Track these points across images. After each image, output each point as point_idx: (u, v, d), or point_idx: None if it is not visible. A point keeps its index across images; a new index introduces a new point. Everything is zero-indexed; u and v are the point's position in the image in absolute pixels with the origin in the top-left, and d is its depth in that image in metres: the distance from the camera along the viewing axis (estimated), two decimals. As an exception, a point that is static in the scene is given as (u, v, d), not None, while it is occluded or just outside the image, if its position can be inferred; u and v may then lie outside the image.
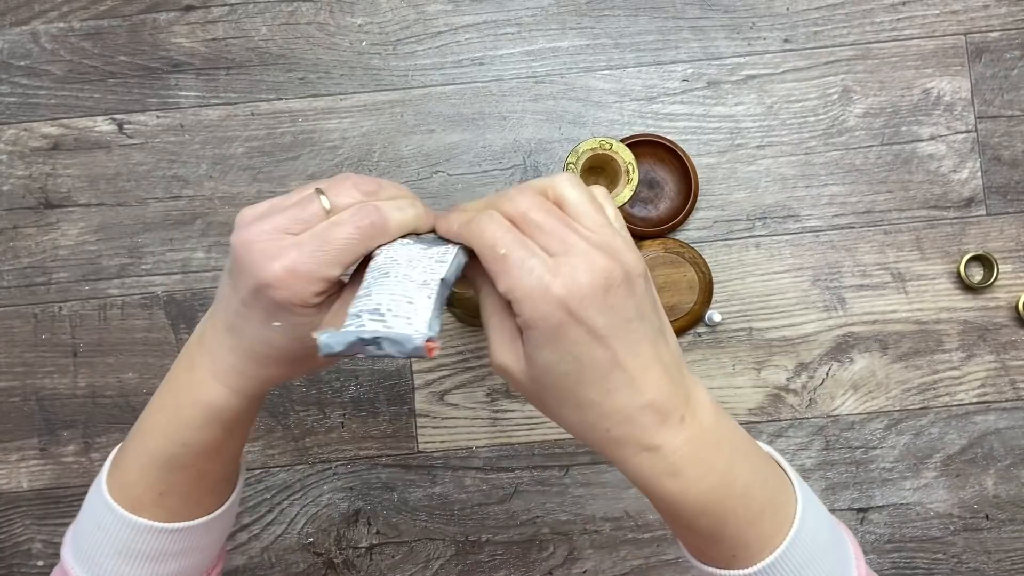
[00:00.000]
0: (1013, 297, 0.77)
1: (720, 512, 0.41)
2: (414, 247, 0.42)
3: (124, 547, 0.46)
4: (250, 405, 0.46)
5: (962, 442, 0.77)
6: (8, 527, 0.78)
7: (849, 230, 0.78)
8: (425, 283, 0.40)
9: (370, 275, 0.41)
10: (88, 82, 0.79)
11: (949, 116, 0.78)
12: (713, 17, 0.79)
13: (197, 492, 0.48)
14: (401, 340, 0.38)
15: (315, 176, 0.78)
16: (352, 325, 0.39)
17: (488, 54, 0.79)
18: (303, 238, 0.40)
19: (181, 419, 0.45)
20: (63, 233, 0.78)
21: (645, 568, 0.77)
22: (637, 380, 0.39)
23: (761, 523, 0.42)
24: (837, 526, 0.46)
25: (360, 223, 0.40)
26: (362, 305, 0.40)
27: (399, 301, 0.39)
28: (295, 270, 0.39)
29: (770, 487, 0.43)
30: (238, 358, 0.44)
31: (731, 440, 0.42)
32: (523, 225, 0.39)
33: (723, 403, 0.77)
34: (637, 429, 0.39)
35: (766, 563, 0.41)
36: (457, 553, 0.78)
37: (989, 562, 0.77)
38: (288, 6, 0.79)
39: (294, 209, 0.41)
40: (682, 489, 0.40)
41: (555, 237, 0.38)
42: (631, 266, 0.38)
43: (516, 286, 0.37)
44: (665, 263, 0.76)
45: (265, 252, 0.40)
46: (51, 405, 0.78)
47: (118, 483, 0.47)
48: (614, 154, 0.56)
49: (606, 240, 0.38)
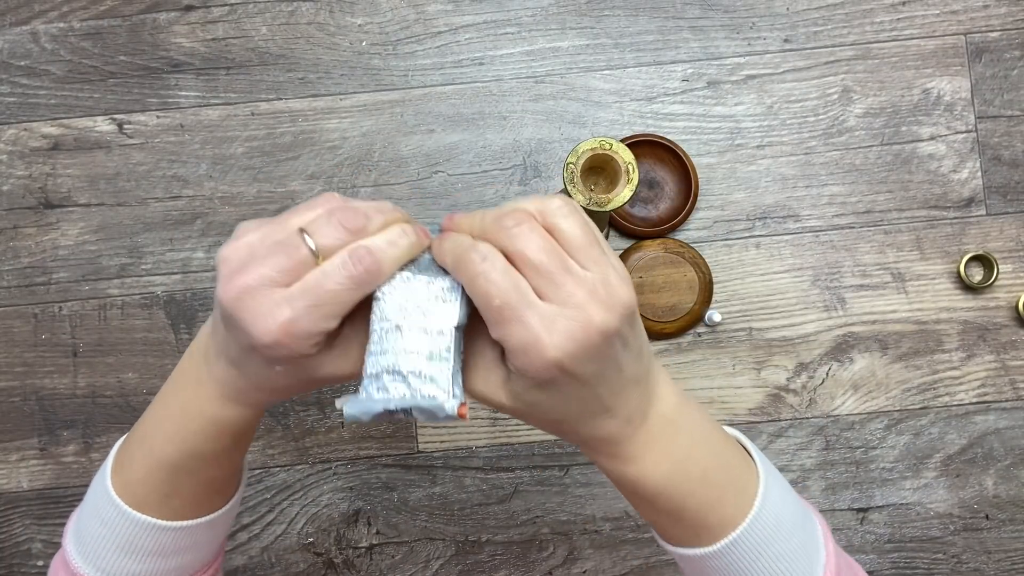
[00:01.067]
0: (1013, 297, 0.77)
1: (678, 495, 0.43)
2: (415, 282, 0.40)
3: (127, 543, 0.46)
4: (259, 415, 0.47)
5: (962, 442, 0.77)
6: (8, 527, 0.78)
7: (849, 230, 0.78)
8: (440, 332, 0.39)
9: (379, 325, 0.40)
10: (88, 82, 0.79)
11: (949, 116, 0.78)
12: (713, 17, 0.79)
13: (202, 494, 0.48)
14: (433, 410, 0.38)
15: (315, 176, 0.78)
16: (373, 388, 0.39)
17: (488, 54, 0.79)
18: (294, 292, 0.38)
19: (189, 429, 0.45)
20: (63, 233, 0.78)
21: (645, 568, 0.77)
22: (612, 407, 0.40)
23: (722, 505, 0.43)
24: (807, 508, 0.48)
25: (353, 272, 0.38)
26: (380, 365, 0.39)
27: (418, 359, 0.39)
28: (290, 331, 0.37)
29: (731, 471, 0.44)
30: (245, 385, 0.43)
31: (690, 428, 0.44)
32: (519, 264, 0.38)
33: (723, 403, 0.77)
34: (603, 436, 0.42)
35: (726, 542, 0.43)
36: (457, 553, 0.78)
37: (989, 562, 0.77)
38: (288, 6, 0.79)
39: (279, 257, 0.38)
40: (640, 475, 0.42)
41: (552, 282, 0.37)
42: (624, 305, 0.38)
43: (511, 339, 0.37)
44: (665, 263, 0.76)
45: (256, 312, 0.38)
46: (51, 405, 0.78)
47: (123, 481, 0.47)
48: (614, 154, 0.56)
49: (601, 277, 0.38)
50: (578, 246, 0.38)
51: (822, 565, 0.45)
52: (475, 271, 0.37)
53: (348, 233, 0.39)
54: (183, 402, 0.45)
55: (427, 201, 0.78)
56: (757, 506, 0.44)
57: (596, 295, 0.37)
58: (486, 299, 0.37)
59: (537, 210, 0.39)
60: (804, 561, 0.45)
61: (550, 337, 0.36)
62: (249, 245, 0.39)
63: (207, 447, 0.45)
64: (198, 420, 0.45)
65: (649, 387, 0.42)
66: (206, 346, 0.44)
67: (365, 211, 0.40)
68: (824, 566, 0.45)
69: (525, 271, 0.38)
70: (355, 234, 0.39)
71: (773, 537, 0.44)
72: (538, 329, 0.36)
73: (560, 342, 0.37)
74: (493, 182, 0.78)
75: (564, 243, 0.38)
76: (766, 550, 0.44)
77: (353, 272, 0.38)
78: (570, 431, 0.42)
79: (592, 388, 0.39)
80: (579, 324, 0.37)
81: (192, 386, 0.45)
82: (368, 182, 0.78)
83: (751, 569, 0.44)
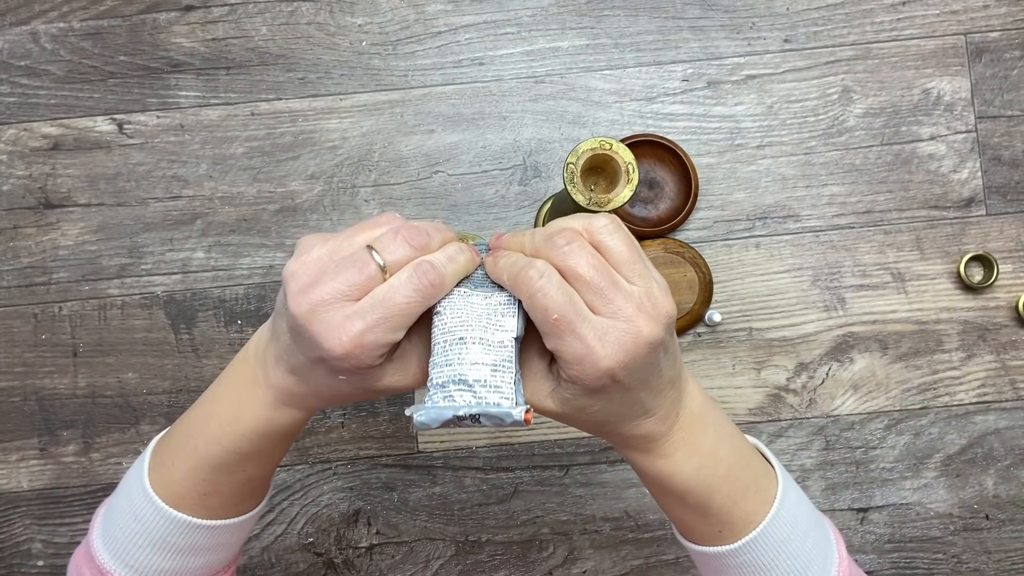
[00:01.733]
0: (1013, 297, 0.77)
1: (706, 490, 0.45)
2: (474, 297, 0.43)
3: (160, 539, 0.47)
4: (308, 417, 0.48)
5: (962, 442, 0.77)
6: (8, 527, 0.78)
7: (849, 230, 0.78)
8: (502, 344, 0.42)
9: (442, 337, 0.42)
10: (88, 82, 0.79)
11: (949, 116, 0.78)
12: (713, 17, 0.79)
13: (240, 494, 0.49)
14: (501, 416, 0.40)
15: (315, 176, 0.78)
16: (439, 397, 0.41)
17: (488, 54, 0.79)
18: (364, 306, 0.40)
19: (239, 430, 0.46)
20: (63, 233, 0.78)
21: (645, 568, 0.77)
22: (651, 408, 0.44)
23: (745, 501, 0.46)
24: (820, 516, 0.50)
25: (419, 285, 0.40)
26: (446, 375, 0.41)
27: (483, 369, 0.41)
28: (361, 343, 0.40)
29: (752, 469, 0.47)
30: (304, 392, 0.45)
31: (715, 425, 0.47)
32: (571, 279, 0.40)
33: (723, 403, 0.77)
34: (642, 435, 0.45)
35: (749, 538, 0.45)
36: (457, 553, 0.78)
37: (989, 562, 0.77)
38: (288, 6, 0.79)
39: (350, 272, 0.40)
40: (671, 470, 0.45)
41: (603, 296, 0.40)
42: (668, 316, 0.41)
43: (567, 351, 0.40)
44: (665, 263, 0.76)
45: (330, 325, 0.40)
46: (51, 405, 0.78)
47: (162, 479, 0.47)
48: (614, 154, 0.56)
49: (646, 290, 0.41)
50: (624, 261, 0.41)
51: (835, 567, 0.47)
52: (534, 287, 0.40)
53: (413, 249, 0.41)
54: (235, 404, 0.46)
55: (427, 201, 0.78)
56: (776, 504, 0.46)
57: (643, 308, 0.40)
58: (544, 313, 0.40)
59: (584, 228, 0.42)
60: (819, 561, 0.47)
61: (603, 349, 0.39)
62: (319, 260, 0.42)
63: (253, 447, 0.47)
64: (249, 422, 0.46)
65: (681, 386, 0.45)
66: (264, 351, 0.46)
67: (427, 229, 0.42)
68: (837, 569, 0.47)
69: (577, 286, 0.40)
70: (419, 250, 0.42)
71: (791, 536, 0.46)
72: (592, 341, 0.39)
73: (613, 353, 0.40)
74: (493, 182, 0.78)
75: (611, 259, 0.41)
76: (784, 548, 0.46)
77: (419, 285, 0.40)
78: (612, 432, 0.45)
79: (636, 393, 0.42)
80: (630, 336, 0.40)
81: (247, 388, 0.46)
82: (368, 182, 0.78)
83: (770, 567, 0.46)
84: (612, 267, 0.41)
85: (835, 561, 0.47)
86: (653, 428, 0.44)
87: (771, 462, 0.49)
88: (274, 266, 0.78)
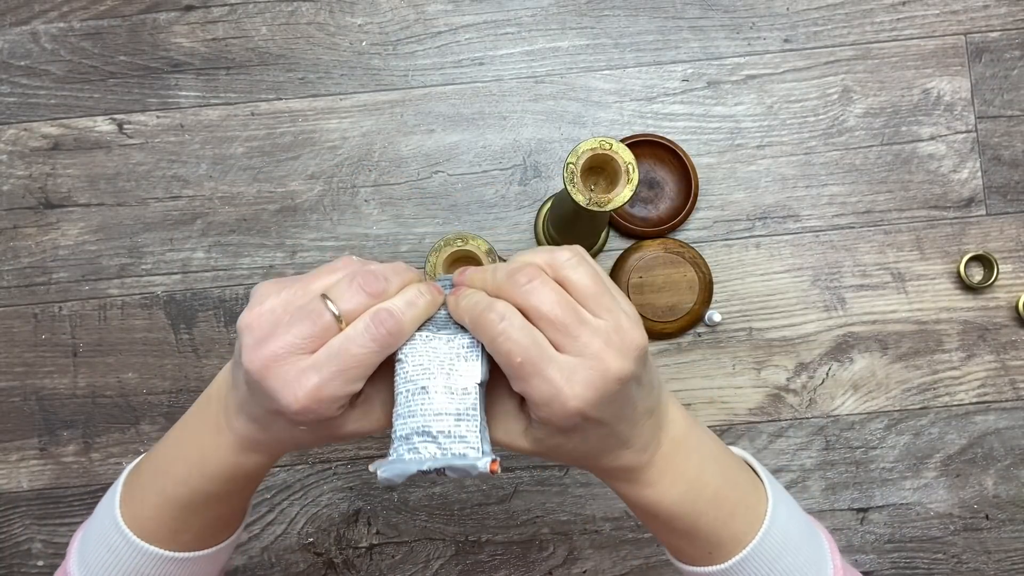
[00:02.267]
0: (1013, 297, 0.77)
1: (692, 514, 0.45)
2: (436, 341, 0.41)
3: (133, 570, 0.47)
4: (275, 460, 0.47)
5: (962, 442, 0.77)
6: (8, 527, 0.78)
7: (849, 230, 0.78)
8: (466, 391, 0.40)
9: (404, 387, 0.41)
10: (88, 82, 0.79)
11: (949, 116, 0.78)
12: (713, 17, 0.79)
13: (210, 529, 0.49)
14: (467, 468, 0.39)
15: (315, 176, 0.78)
16: (403, 449, 0.40)
17: (488, 54, 0.79)
18: (320, 358, 0.39)
19: (205, 473, 0.45)
20: (63, 233, 0.78)
21: (645, 568, 0.77)
22: (629, 439, 0.42)
23: (733, 522, 0.45)
24: (813, 525, 0.49)
25: (376, 335, 0.39)
26: (409, 427, 0.40)
27: (447, 420, 0.40)
28: (318, 397, 0.39)
29: (740, 489, 0.46)
30: (266, 439, 0.44)
31: (700, 448, 0.46)
32: (535, 319, 0.39)
33: (723, 403, 0.77)
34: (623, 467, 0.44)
35: (739, 558, 0.45)
36: (457, 553, 0.78)
37: (989, 562, 0.77)
38: (288, 6, 0.79)
39: (304, 324, 0.39)
40: (657, 497, 0.44)
41: (568, 335, 0.39)
42: (638, 348, 0.40)
43: (534, 393, 0.39)
44: (665, 263, 0.76)
45: (285, 380, 0.39)
46: (51, 405, 0.78)
47: (133, 514, 0.47)
48: (614, 154, 0.56)
49: (614, 324, 0.39)
50: (589, 295, 0.40)
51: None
52: (495, 331, 0.39)
53: (369, 297, 0.40)
54: (201, 448, 0.46)
55: (427, 201, 0.78)
56: (767, 523, 0.45)
57: (611, 343, 0.39)
58: (508, 357, 0.38)
59: (547, 263, 0.41)
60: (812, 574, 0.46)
61: (571, 388, 0.38)
62: (272, 312, 0.40)
63: (220, 488, 0.46)
64: (215, 466, 0.45)
65: (660, 415, 0.44)
66: (225, 397, 0.45)
67: (384, 274, 0.41)
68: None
69: (541, 325, 0.39)
70: (376, 297, 0.40)
71: (782, 552, 0.45)
72: (559, 382, 0.38)
73: (581, 392, 0.38)
74: (493, 182, 0.78)
75: (575, 293, 0.40)
76: (776, 565, 0.45)
77: (376, 335, 0.39)
78: (592, 465, 0.44)
79: (611, 427, 0.41)
80: (598, 373, 0.38)
81: (210, 434, 0.45)
82: (368, 182, 0.78)
83: None
84: (577, 301, 0.40)
85: (829, 572, 0.47)
86: (634, 459, 0.43)
87: (760, 476, 0.48)
88: (274, 266, 0.78)
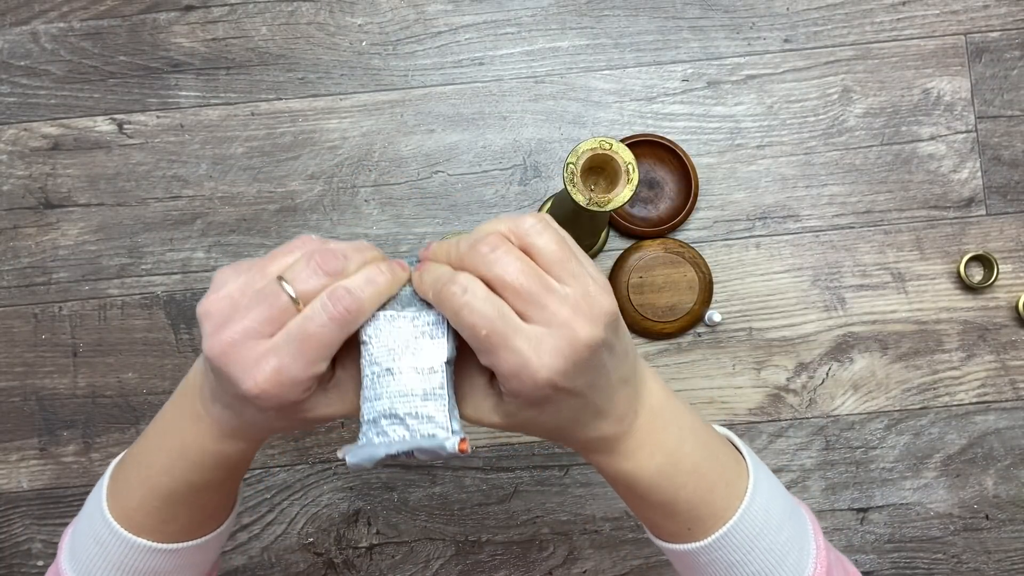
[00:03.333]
0: (1013, 297, 0.77)
1: (671, 488, 0.44)
2: (400, 320, 0.40)
3: (121, 563, 0.47)
4: (258, 447, 0.47)
5: (962, 442, 0.77)
6: (8, 527, 0.78)
7: (849, 230, 0.78)
8: (432, 370, 0.39)
9: (369, 369, 0.40)
10: (88, 82, 0.79)
11: (949, 116, 0.78)
12: (713, 17, 0.79)
13: (198, 520, 0.48)
14: (435, 448, 0.38)
15: (315, 176, 0.78)
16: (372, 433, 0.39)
17: (488, 54, 0.79)
18: (279, 341, 0.38)
19: (187, 463, 0.45)
20: (63, 233, 0.78)
21: (645, 568, 0.77)
22: (604, 409, 0.41)
23: (713, 497, 0.44)
24: (796, 504, 0.48)
25: (334, 313, 0.38)
26: (376, 410, 0.39)
27: (414, 400, 0.39)
28: (278, 380, 0.38)
29: (720, 463, 0.45)
30: (242, 425, 0.43)
31: (678, 420, 0.45)
32: (499, 289, 0.38)
33: (723, 403, 0.77)
34: (599, 438, 0.43)
35: (719, 534, 0.44)
36: (457, 553, 0.78)
37: (989, 562, 0.77)
38: (288, 6, 0.79)
39: (260, 308, 0.38)
40: (634, 469, 0.43)
41: (534, 304, 0.38)
42: (607, 314, 0.39)
43: (502, 366, 0.38)
44: (665, 263, 0.76)
45: (244, 366, 0.38)
46: (51, 405, 0.78)
47: (119, 506, 0.47)
48: (614, 154, 0.56)
49: (582, 290, 0.38)
50: (555, 261, 0.39)
51: (812, 558, 0.46)
52: (458, 304, 0.37)
53: (326, 276, 0.39)
54: (182, 437, 0.45)
55: (427, 201, 0.78)
56: (747, 499, 0.44)
57: (579, 310, 0.38)
58: (472, 330, 0.37)
59: (510, 231, 0.39)
60: (794, 554, 0.46)
61: (539, 359, 0.37)
62: (230, 297, 0.39)
63: (204, 477, 0.46)
64: (198, 455, 0.45)
65: (636, 384, 0.43)
66: (201, 386, 0.44)
67: (343, 252, 0.40)
68: (814, 559, 0.46)
69: (506, 295, 0.38)
70: (333, 276, 0.39)
71: (763, 530, 0.45)
72: (527, 353, 0.37)
73: (550, 362, 0.37)
74: (493, 182, 0.78)
75: (541, 261, 0.39)
76: (757, 543, 0.44)
77: (334, 313, 0.38)
78: (567, 437, 0.43)
79: (584, 398, 0.40)
80: (566, 342, 0.37)
81: (190, 422, 0.45)
82: (368, 182, 0.78)
83: (743, 562, 0.45)
84: (543, 269, 0.38)
85: (812, 552, 0.46)
86: (610, 429, 0.42)
87: (742, 453, 0.47)
88: (274, 266, 0.78)
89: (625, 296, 0.76)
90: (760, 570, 0.45)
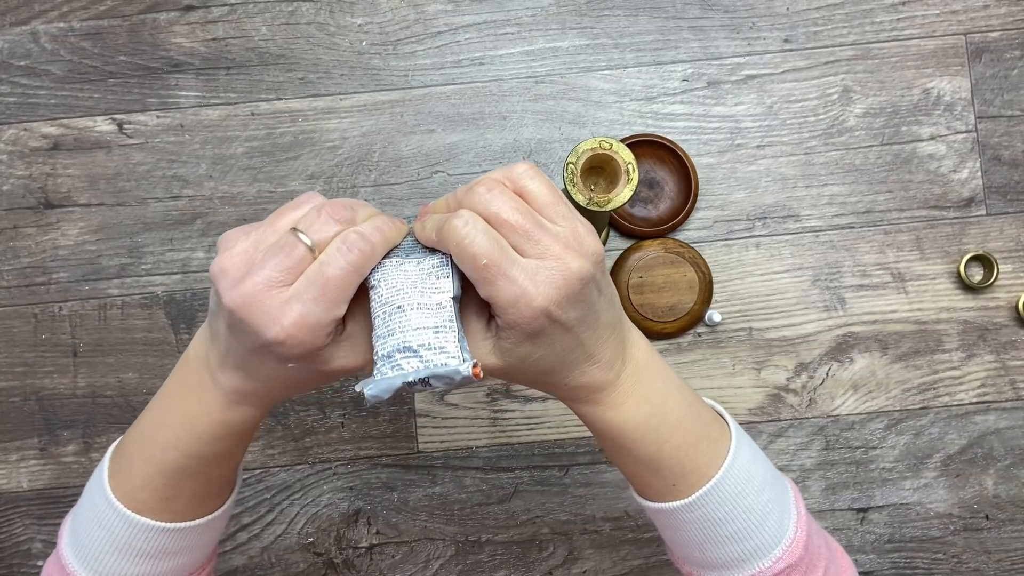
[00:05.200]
0: (1013, 297, 0.77)
1: (656, 439, 0.46)
2: (406, 265, 0.43)
3: (126, 545, 0.47)
4: (264, 414, 0.47)
5: (962, 442, 0.77)
6: (8, 527, 0.78)
7: (849, 230, 0.78)
8: (440, 305, 0.42)
9: (380, 310, 0.42)
10: (88, 82, 0.79)
11: (949, 116, 0.78)
12: (713, 17, 0.79)
13: (201, 496, 0.49)
14: (450, 374, 0.40)
15: (315, 176, 0.78)
16: (387, 367, 0.41)
17: (488, 54, 0.79)
18: (299, 287, 0.40)
19: (194, 434, 0.45)
20: (63, 233, 0.78)
21: (645, 568, 0.77)
22: (594, 353, 0.44)
23: (697, 453, 0.46)
24: (779, 475, 0.50)
25: (350, 257, 0.40)
26: (390, 345, 0.41)
27: (426, 333, 0.41)
28: (303, 324, 0.39)
29: (703, 421, 0.47)
30: (254, 387, 0.44)
31: (664, 375, 0.47)
32: (497, 225, 0.40)
33: (723, 403, 0.77)
34: (588, 383, 0.45)
35: (703, 491, 0.46)
36: (457, 553, 0.78)
37: (989, 562, 0.77)
38: (288, 6, 0.79)
39: (279, 257, 0.40)
40: (621, 419, 0.45)
41: (529, 239, 0.40)
42: (596, 253, 0.42)
43: (499, 296, 0.40)
44: (665, 263, 0.76)
45: (268, 312, 0.39)
46: (51, 405, 0.78)
47: (121, 486, 0.47)
48: (614, 154, 0.56)
49: (571, 230, 0.41)
50: (547, 204, 0.42)
51: (793, 522, 0.47)
52: (460, 236, 0.40)
53: (339, 224, 0.41)
54: (186, 408, 0.46)
55: (427, 201, 0.78)
56: (730, 457, 0.46)
57: (570, 246, 0.41)
58: (473, 260, 0.40)
59: (505, 176, 0.42)
60: (775, 516, 0.47)
61: (536, 288, 0.40)
62: (244, 253, 0.41)
63: (211, 449, 0.46)
64: (204, 426, 0.45)
65: (623, 333, 0.46)
66: (206, 355, 0.45)
67: (351, 204, 0.43)
68: (795, 523, 0.47)
69: (503, 231, 0.40)
70: (345, 224, 0.41)
71: (745, 490, 0.46)
72: (524, 282, 0.40)
73: (545, 291, 0.40)
74: (493, 182, 0.78)
75: (533, 203, 0.42)
76: (739, 502, 0.46)
77: (350, 255, 0.40)
78: (558, 382, 0.45)
79: (576, 334, 0.42)
80: (560, 273, 0.40)
81: (195, 393, 0.45)
82: (368, 182, 0.78)
83: (726, 519, 0.46)
84: (536, 211, 0.41)
85: (792, 516, 0.47)
86: (599, 375, 0.44)
87: (725, 418, 0.49)
88: (274, 266, 0.78)
89: (625, 296, 0.76)
90: (742, 529, 0.46)
